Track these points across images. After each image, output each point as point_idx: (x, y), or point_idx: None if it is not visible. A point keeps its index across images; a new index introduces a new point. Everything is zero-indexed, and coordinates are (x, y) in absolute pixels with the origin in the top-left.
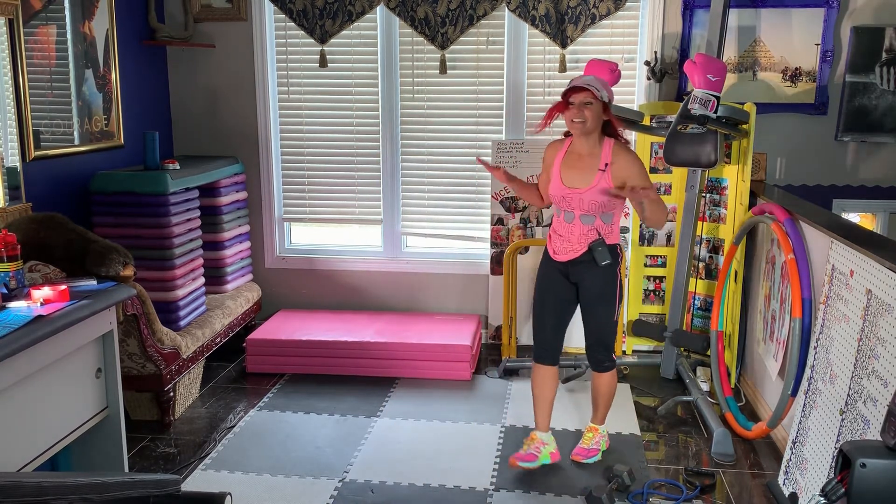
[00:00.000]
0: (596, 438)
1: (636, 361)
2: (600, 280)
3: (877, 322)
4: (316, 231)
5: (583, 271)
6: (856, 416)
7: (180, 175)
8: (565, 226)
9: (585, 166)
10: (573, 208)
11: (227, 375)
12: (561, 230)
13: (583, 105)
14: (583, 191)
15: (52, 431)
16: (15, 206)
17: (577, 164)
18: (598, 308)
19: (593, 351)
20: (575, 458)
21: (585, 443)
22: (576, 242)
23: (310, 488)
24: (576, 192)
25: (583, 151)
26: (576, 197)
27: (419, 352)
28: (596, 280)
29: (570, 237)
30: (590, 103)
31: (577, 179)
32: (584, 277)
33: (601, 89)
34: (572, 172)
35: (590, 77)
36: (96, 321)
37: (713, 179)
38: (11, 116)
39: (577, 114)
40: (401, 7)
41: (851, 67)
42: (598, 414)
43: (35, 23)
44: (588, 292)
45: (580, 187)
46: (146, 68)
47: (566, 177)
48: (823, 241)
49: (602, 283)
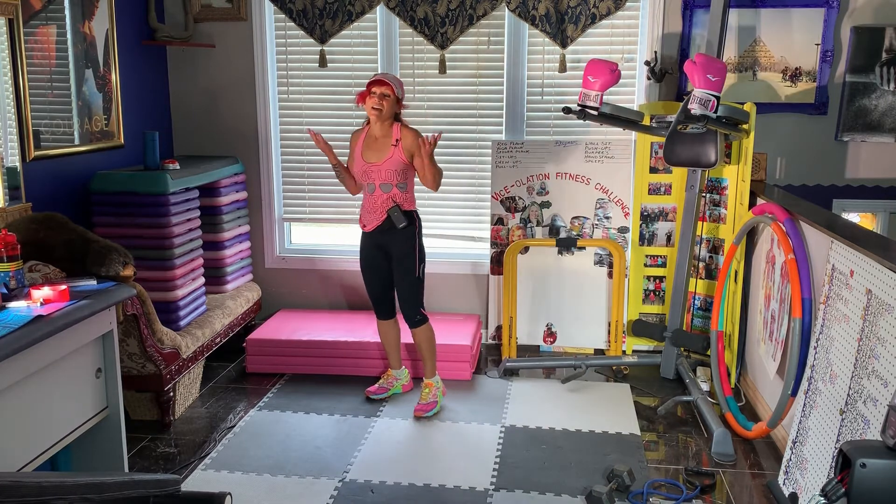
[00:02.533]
0: (432, 392)
1: (636, 361)
2: (401, 242)
3: (877, 322)
4: (316, 231)
5: (388, 238)
6: (856, 416)
7: (180, 175)
8: (369, 198)
9: (380, 145)
10: (373, 180)
11: (227, 375)
12: (367, 204)
13: (382, 96)
14: (380, 164)
15: (52, 431)
16: (15, 206)
17: (374, 145)
18: (402, 268)
19: (404, 307)
20: (417, 415)
21: (423, 398)
22: (378, 211)
23: (310, 488)
24: (374, 165)
25: (378, 134)
26: (375, 169)
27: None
28: (397, 243)
29: (373, 208)
30: (387, 95)
31: (374, 156)
32: (389, 243)
33: (398, 87)
34: (370, 151)
35: (389, 74)
36: (96, 321)
37: (713, 179)
38: (11, 116)
39: (376, 102)
40: (401, 7)
41: (851, 67)
42: (427, 367)
43: (35, 23)
44: (394, 256)
45: (377, 161)
46: (146, 68)
47: (366, 155)
48: (823, 241)
49: (402, 244)
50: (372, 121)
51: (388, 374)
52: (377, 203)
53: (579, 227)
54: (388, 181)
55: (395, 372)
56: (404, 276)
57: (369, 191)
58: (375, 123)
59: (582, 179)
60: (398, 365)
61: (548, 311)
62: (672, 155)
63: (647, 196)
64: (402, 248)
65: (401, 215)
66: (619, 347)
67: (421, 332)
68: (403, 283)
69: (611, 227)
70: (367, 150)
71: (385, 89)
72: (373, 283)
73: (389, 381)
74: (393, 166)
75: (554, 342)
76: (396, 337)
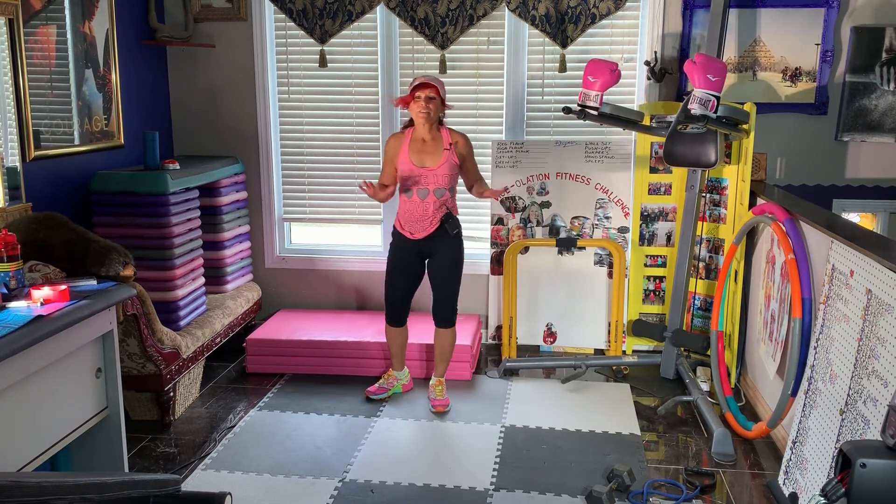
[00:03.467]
0: (444, 389)
1: (636, 361)
2: (450, 248)
3: (877, 322)
4: (316, 231)
5: (435, 244)
6: (856, 416)
7: (180, 175)
8: (419, 204)
9: (431, 149)
10: (427, 185)
11: (227, 375)
12: (414, 211)
13: (429, 99)
14: (435, 168)
15: (52, 431)
16: (15, 206)
17: (423, 149)
18: (447, 272)
19: (443, 308)
20: (439, 410)
21: (440, 395)
22: (430, 218)
23: (310, 488)
24: (429, 170)
25: (426, 138)
26: (430, 174)
27: (419, 352)
28: (446, 248)
29: (423, 215)
30: (433, 98)
31: (427, 160)
32: (435, 249)
33: (442, 88)
34: (421, 156)
35: (432, 76)
36: (96, 321)
37: (713, 179)
38: (11, 116)
39: (423, 106)
40: (401, 7)
41: (851, 67)
42: (444, 368)
43: (35, 23)
44: (441, 261)
45: (431, 166)
46: (146, 68)
47: (417, 159)
48: (823, 241)
49: (451, 250)
50: (419, 125)
51: (389, 374)
52: (428, 210)
53: (579, 227)
54: (442, 186)
55: (396, 372)
56: (449, 278)
57: (419, 196)
58: (423, 127)
59: (582, 179)
60: (401, 366)
61: (548, 311)
62: (672, 155)
63: (647, 196)
64: (450, 253)
65: (455, 221)
66: (619, 347)
67: (450, 334)
68: (447, 285)
69: (611, 227)
70: (417, 155)
71: (430, 92)
72: (399, 289)
73: (390, 381)
74: (448, 171)
75: (554, 342)
76: (405, 342)
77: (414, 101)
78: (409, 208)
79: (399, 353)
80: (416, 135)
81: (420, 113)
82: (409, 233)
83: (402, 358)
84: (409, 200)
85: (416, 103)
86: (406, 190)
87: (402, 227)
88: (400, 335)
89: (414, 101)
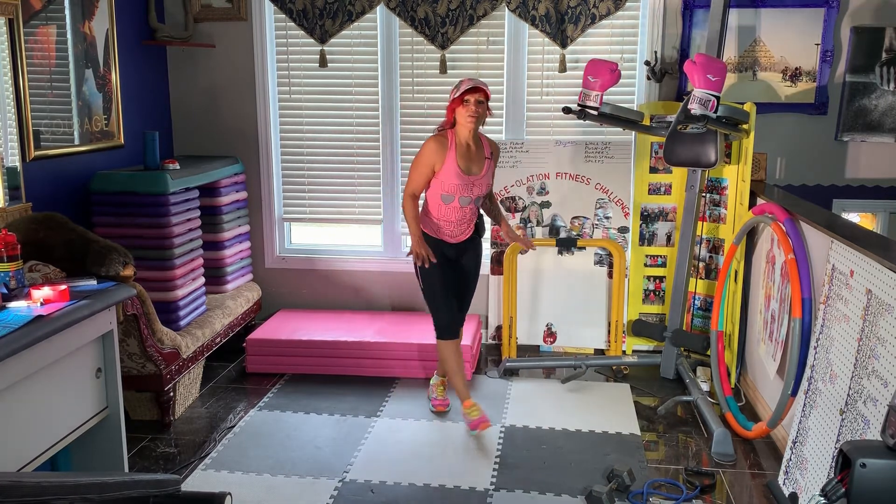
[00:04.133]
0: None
1: (636, 361)
2: (479, 253)
3: (877, 322)
4: (316, 231)
5: (467, 248)
6: (856, 416)
7: (180, 175)
8: (459, 210)
9: (475, 156)
10: (474, 192)
11: (227, 375)
12: (453, 216)
13: (477, 103)
14: (481, 176)
15: (52, 431)
16: (15, 206)
17: (468, 155)
18: (474, 276)
19: (463, 317)
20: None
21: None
22: (468, 223)
23: (310, 488)
24: (477, 178)
25: (470, 143)
26: (478, 182)
27: (419, 352)
28: (476, 253)
29: (462, 221)
30: (482, 102)
31: (474, 168)
32: (467, 254)
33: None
34: (469, 163)
35: (479, 80)
36: (96, 321)
37: (713, 179)
38: (11, 116)
39: (473, 110)
40: (401, 7)
41: (851, 67)
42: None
43: (35, 23)
44: (469, 266)
45: (478, 174)
46: (146, 68)
47: (464, 166)
48: (823, 241)
49: (478, 254)
50: (465, 129)
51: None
52: (467, 215)
53: (579, 227)
54: (482, 195)
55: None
56: (474, 283)
57: (461, 203)
58: (468, 132)
59: (582, 179)
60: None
61: (548, 311)
62: (672, 155)
63: (647, 196)
64: (477, 258)
65: (483, 225)
66: (619, 347)
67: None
68: (471, 290)
69: (611, 227)
70: (465, 162)
71: (480, 95)
72: (452, 299)
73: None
74: (490, 180)
75: (554, 342)
76: None
77: (463, 105)
78: (447, 214)
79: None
80: (460, 140)
81: (469, 117)
82: (449, 236)
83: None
84: (448, 206)
85: (465, 107)
86: (447, 196)
87: (440, 231)
88: (458, 347)
89: (463, 104)
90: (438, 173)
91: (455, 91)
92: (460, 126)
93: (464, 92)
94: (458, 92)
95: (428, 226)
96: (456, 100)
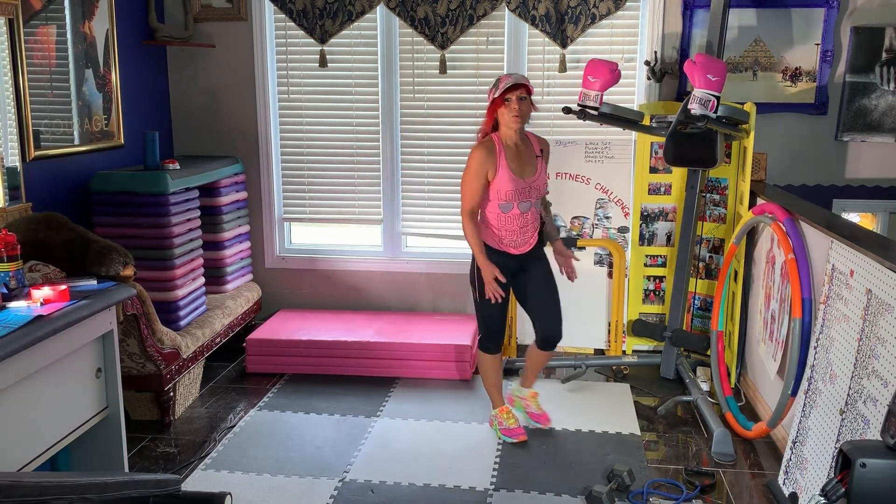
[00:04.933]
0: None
1: (636, 361)
2: (546, 261)
3: (877, 322)
4: (316, 231)
5: (531, 258)
6: (856, 416)
7: (180, 175)
8: (520, 218)
9: (525, 157)
10: (531, 197)
11: (227, 375)
12: (514, 224)
13: (520, 100)
14: (535, 179)
15: (52, 431)
16: (15, 206)
17: (518, 157)
18: (551, 287)
19: (555, 326)
20: (547, 424)
21: (539, 407)
22: (530, 231)
23: (310, 488)
24: (532, 181)
25: (518, 143)
26: (534, 186)
27: (419, 352)
28: (543, 262)
29: (525, 228)
30: (524, 98)
31: (527, 171)
32: (532, 264)
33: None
34: (521, 166)
35: (519, 75)
36: (96, 321)
37: (713, 179)
38: (11, 116)
39: (516, 109)
40: (401, 7)
41: (851, 67)
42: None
43: (35, 23)
44: (538, 276)
45: (531, 177)
46: (146, 68)
47: (517, 171)
48: (823, 241)
49: (548, 263)
50: (510, 130)
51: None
52: (529, 224)
53: (579, 227)
54: (539, 197)
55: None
56: (555, 294)
57: (521, 210)
58: (514, 133)
59: (582, 179)
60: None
61: None
62: (672, 155)
63: (647, 196)
64: (547, 266)
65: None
66: (619, 347)
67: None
68: (551, 300)
69: (611, 227)
70: (517, 165)
71: (522, 92)
72: (504, 310)
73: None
74: (544, 180)
75: None
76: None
77: (505, 105)
78: (508, 222)
79: (499, 384)
80: (507, 142)
81: (513, 116)
82: (513, 248)
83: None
84: (507, 215)
85: (507, 107)
86: (505, 204)
87: (502, 242)
88: (499, 363)
89: (505, 104)
90: (492, 182)
91: (494, 90)
92: (504, 128)
93: (504, 90)
94: (497, 91)
95: (489, 237)
96: (496, 100)
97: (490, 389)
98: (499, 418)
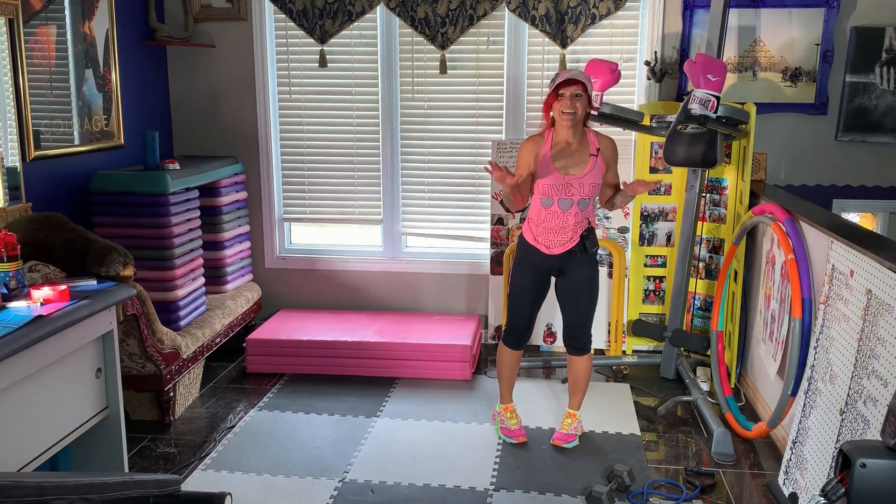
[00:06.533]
0: (574, 424)
1: (636, 361)
2: (589, 267)
3: (877, 322)
4: (316, 231)
5: (573, 262)
6: (856, 416)
7: (180, 175)
8: (560, 215)
9: (577, 155)
10: (572, 195)
11: (227, 375)
12: (552, 222)
13: (574, 97)
14: (582, 176)
15: (52, 431)
16: (15, 206)
17: (567, 153)
18: (588, 294)
19: (581, 334)
20: (556, 443)
21: (565, 428)
22: (570, 232)
23: (310, 488)
24: (575, 178)
25: (571, 141)
26: (576, 183)
27: (419, 352)
28: (585, 268)
29: (564, 228)
30: (579, 95)
31: (573, 167)
32: (573, 267)
33: (589, 84)
34: (566, 162)
35: (577, 71)
36: (96, 321)
37: (713, 179)
38: (11, 116)
39: (568, 105)
40: (401, 7)
41: (851, 67)
42: (578, 400)
43: (35, 23)
44: (577, 281)
45: (578, 174)
46: (146, 68)
47: (562, 166)
48: (823, 241)
49: (589, 268)
50: (562, 126)
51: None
52: (569, 222)
53: None
54: (586, 196)
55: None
56: (590, 302)
57: (561, 207)
58: (567, 129)
59: None
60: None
61: (548, 311)
62: (672, 155)
63: (647, 196)
64: (587, 272)
65: (594, 238)
66: (619, 347)
67: (587, 361)
68: (584, 308)
69: (611, 227)
70: (562, 161)
71: (576, 88)
72: (527, 307)
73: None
74: (595, 179)
75: (554, 342)
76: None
77: (558, 100)
78: (547, 219)
79: (512, 380)
80: (559, 137)
81: (565, 112)
82: (544, 246)
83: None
84: (548, 211)
85: (560, 102)
86: (546, 199)
87: (536, 239)
88: (517, 360)
89: (558, 99)
90: (535, 175)
91: (551, 85)
92: (558, 124)
93: (558, 85)
94: (552, 86)
95: (528, 230)
96: (551, 95)
97: (501, 383)
98: (502, 416)
